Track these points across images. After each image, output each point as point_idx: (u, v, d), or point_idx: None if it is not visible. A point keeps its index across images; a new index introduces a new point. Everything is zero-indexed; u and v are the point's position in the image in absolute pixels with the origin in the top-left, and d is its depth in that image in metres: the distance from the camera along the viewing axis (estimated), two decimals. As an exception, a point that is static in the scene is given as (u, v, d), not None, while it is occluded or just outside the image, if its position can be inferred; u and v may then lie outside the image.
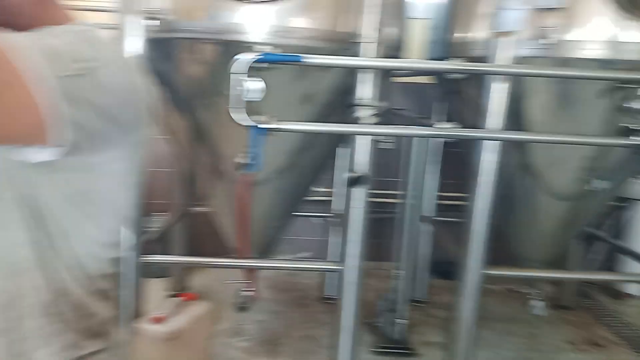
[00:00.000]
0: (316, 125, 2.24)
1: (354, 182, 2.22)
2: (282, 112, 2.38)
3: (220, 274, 3.60)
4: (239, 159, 2.29)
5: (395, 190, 3.73)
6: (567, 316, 3.66)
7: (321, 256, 4.02)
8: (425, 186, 3.62)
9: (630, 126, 2.18)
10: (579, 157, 2.52)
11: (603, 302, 3.90)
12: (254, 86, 1.92)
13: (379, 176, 3.79)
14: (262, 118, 1.98)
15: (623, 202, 4.21)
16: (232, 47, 2.06)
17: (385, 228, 4.01)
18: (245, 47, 2.05)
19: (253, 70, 2.02)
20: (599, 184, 2.48)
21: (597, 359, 3.09)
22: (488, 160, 2.37)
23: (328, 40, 2.20)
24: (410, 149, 2.81)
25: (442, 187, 3.63)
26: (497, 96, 2.25)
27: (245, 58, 1.89)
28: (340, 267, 2.47)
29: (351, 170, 2.29)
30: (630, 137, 2.15)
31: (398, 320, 2.94)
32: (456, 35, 2.49)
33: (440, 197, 3.63)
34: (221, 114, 2.09)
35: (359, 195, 2.33)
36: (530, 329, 3.43)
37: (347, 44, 2.21)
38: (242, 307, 2.85)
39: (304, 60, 1.95)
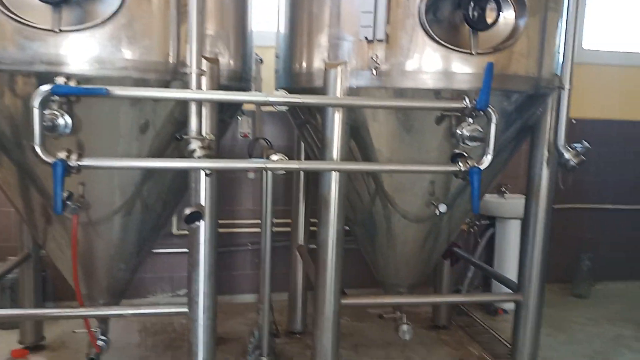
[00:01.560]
0: (130, 161, 2.13)
1: (189, 218, 2.11)
2: (117, 145, 2.25)
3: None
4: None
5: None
6: (443, 336, 3.72)
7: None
8: (298, 214, 3.61)
9: (456, 151, 2.24)
10: (424, 182, 2.57)
11: (478, 320, 4.02)
12: (59, 121, 1.78)
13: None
14: (63, 154, 1.83)
15: (488, 221, 4.42)
16: (48, 79, 1.91)
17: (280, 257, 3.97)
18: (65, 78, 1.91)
19: (67, 104, 1.89)
20: (445, 207, 2.53)
21: (465, 379, 3.14)
22: (332, 189, 2.35)
23: (157, 71, 2.10)
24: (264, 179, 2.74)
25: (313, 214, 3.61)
26: (332, 127, 2.25)
27: (40, 90, 1.75)
28: (184, 310, 2.33)
29: (190, 205, 2.18)
30: (458, 163, 2.21)
31: (263, 358, 2.82)
32: (297, 65, 2.48)
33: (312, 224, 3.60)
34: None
35: (199, 231, 2.22)
36: (407, 353, 3.43)
37: (179, 75, 2.12)
38: (93, 359, 2.62)
39: (112, 93, 1.83)
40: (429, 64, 2.24)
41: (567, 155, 2.41)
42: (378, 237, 2.84)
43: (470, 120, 2.23)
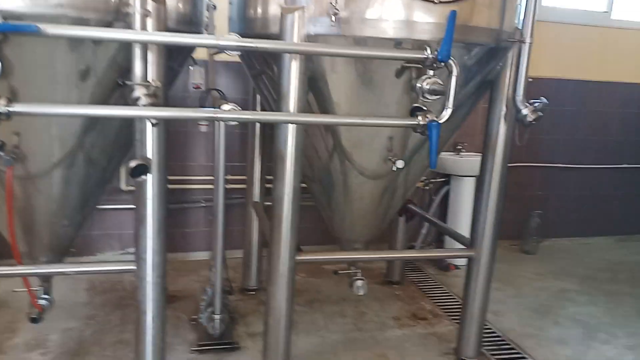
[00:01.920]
0: (66, 107, 1.96)
1: (134, 171, 1.98)
2: (55, 93, 2.07)
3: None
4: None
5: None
6: (396, 291, 3.78)
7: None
8: (254, 170, 3.51)
9: (416, 105, 2.18)
10: (382, 138, 2.52)
11: (431, 275, 4.10)
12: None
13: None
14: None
15: (443, 178, 4.46)
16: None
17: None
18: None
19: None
20: (402, 163, 2.49)
21: (416, 334, 3.19)
22: (288, 143, 2.26)
23: (97, 11, 1.91)
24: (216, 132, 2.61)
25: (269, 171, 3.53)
26: (289, 76, 2.14)
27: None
28: (132, 268, 2.23)
29: (135, 157, 2.05)
30: (417, 117, 2.15)
31: (215, 315, 2.77)
32: (252, 11, 2.33)
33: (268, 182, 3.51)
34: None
35: (146, 185, 2.10)
36: (361, 308, 3.47)
37: (122, 15, 1.95)
38: (34, 318, 2.50)
39: (44, 31, 1.65)
40: (390, 12, 2.14)
41: (524, 111, 2.40)
42: (335, 193, 2.79)
43: (431, 72, 2.17)
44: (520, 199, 4.81)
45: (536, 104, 2.40)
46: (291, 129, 2.25)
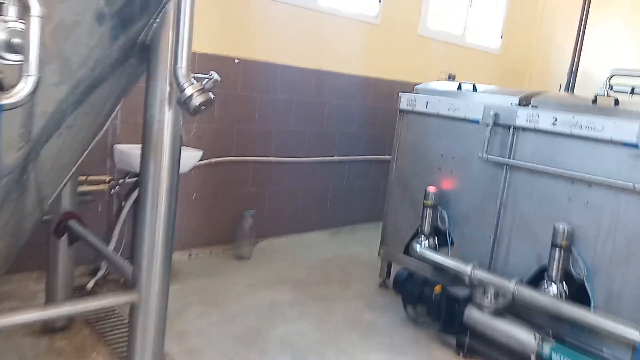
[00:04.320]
0: None
1: None
2: None
3: None
4: None
5: None
6: (58, 342, 2.70)
7: None
8: None
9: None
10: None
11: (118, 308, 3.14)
12: None
13: None
14: None
15: (136, 177, 3.54)
16: None
17: None
18: None
19: None
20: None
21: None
22: None
23: None
24: None
25: None
26: None
27: None
28: None
29: None
30: None
31: None
32: None
33: None
34: None
35: None
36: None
37: None
38: None
39: None
40: None
41: (188, 90, 1.62)
42: None
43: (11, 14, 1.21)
44: (231, 197, 4.21)
45: (205, 81, 1.65)
46: None
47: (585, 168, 2.80)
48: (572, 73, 4.81)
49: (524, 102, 3.16)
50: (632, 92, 4.63)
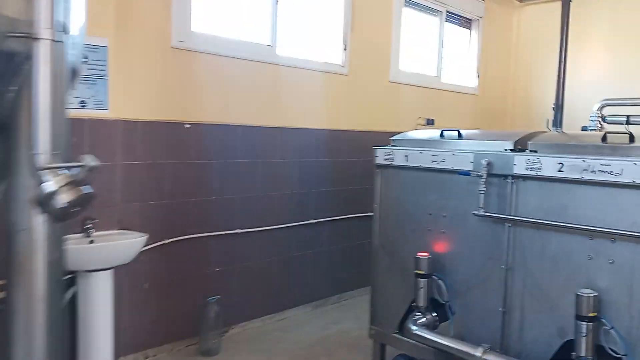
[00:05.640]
0: None
1: None
2: None
3: None
4: None
5: None
6: None
7: None
8: None
9: None
10: None
11: None
12: None
13: None
14: None
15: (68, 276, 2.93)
16: None
17: None
18: None
19: None
20: None
21: None
22: None
23: None
24: None
25: None
26: None
27: None
28: None
29: None
30: None
31: None
32: None
33: None
34: None
35: None
36: None
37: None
38: None
39: None
40: None
41: (50, 185, 1.08)
42: None
43: None
44: (191, 283, 3.60)
45: (82, 167, 1.13)
46: None
47: (606, 220, 2.31)
48: (559, 107, 4.41)
49: (520, 146, 2.69)
50: (628, 122, 4.22)
